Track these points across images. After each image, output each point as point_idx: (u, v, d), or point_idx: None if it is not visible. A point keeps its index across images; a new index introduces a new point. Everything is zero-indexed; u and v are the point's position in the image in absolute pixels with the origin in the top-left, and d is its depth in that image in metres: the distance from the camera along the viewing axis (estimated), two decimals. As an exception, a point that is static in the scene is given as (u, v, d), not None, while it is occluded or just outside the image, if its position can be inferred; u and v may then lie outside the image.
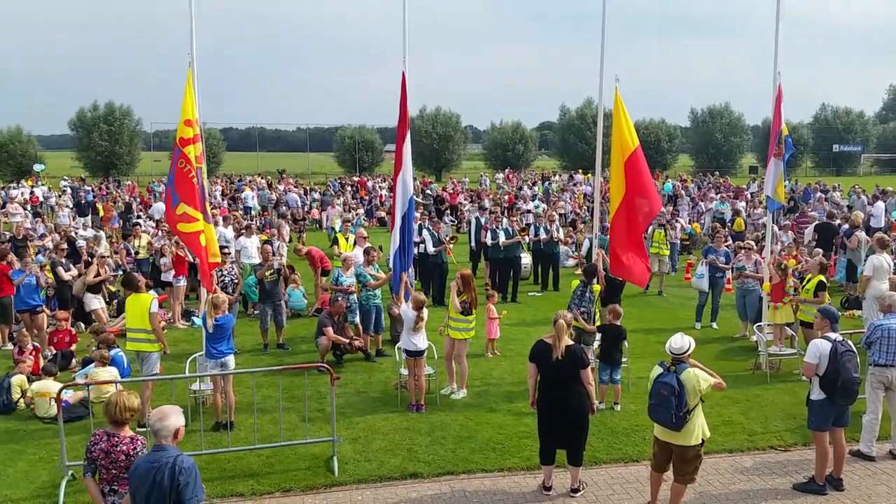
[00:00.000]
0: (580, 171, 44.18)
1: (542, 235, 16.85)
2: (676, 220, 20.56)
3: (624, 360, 9.68)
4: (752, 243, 13.27)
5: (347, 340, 11.29)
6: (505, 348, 12.00)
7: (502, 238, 15.96)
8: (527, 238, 17.72)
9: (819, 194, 27.43)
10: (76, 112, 58.02)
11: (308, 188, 36.25)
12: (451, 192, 33.12)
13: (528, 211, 24.11)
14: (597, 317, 10.08)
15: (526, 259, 17.64)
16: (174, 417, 4.63)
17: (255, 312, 13.64)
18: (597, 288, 10.08)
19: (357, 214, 27.43)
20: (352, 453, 8.03)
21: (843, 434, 7.43)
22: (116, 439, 4.89)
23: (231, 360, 8.87)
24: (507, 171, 50.72)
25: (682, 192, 29.64)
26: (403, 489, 7.32)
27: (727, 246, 13.70)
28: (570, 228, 21.74)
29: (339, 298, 11.71)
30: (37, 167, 49.79)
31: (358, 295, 11.84)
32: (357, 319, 11.80)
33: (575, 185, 36.92)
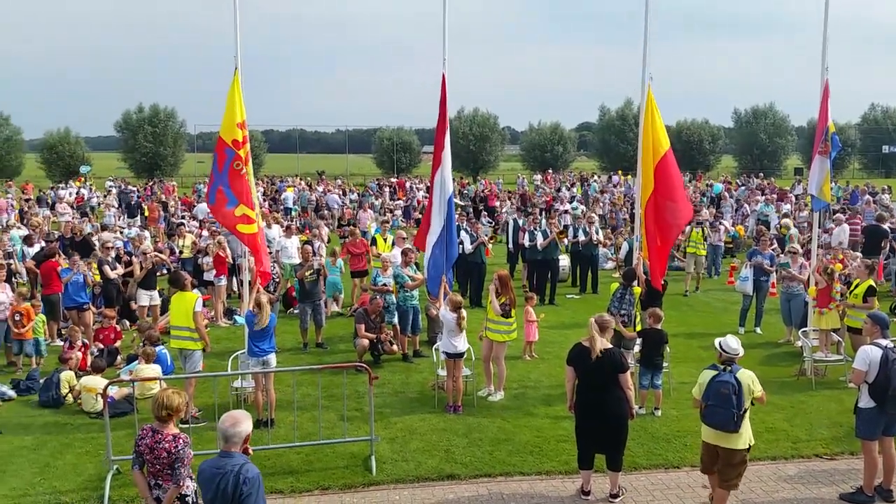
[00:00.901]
0: (620, 171, 43.70)
1: (581, 237, 16.71)
2: (720, 223, 20.18)
3: (665, 364, 9.53)
4: (798, 247, 12.97)
5: (375, 336, 11.33)
6: (543, 351, 11.92)
7: (540, 240, 15.86)
8: (565, 240, 17.57)
9: (867, 196, 26.68)
10: (122, 114, 59.49)
11: (347, 189, 36.57)
12: (488, 192, 33.05)
13: (566, 212, 23.95)
14: (637, 320, 9.94)
15: (564, 261, 17.50)
16: (245, 423, 4.60)
17: (295, 312, 13.81)
18: (637, 290, 9.95)
19: (394, 216, 27.55)
20: (389, 453, 8.07)
21: (894, 444, 7.21)
22: (160, 436, 4.98)
23: (273, 358, 9.00)
24: (545, 172, 50.43)
25: (726, 193, 29.07)
26: (440, 490, 7.32)
27: (773, 250, 13.41)
28: (609, 230, 21.54)
29: (377, 298, 11.79)
30: (83, 169, 51.17)
31: (396, 295, 11.90)
32: (395, 320, 11.86)
33: (614, 186, 36.55)
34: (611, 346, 7.09)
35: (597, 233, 17.25)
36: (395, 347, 11.68)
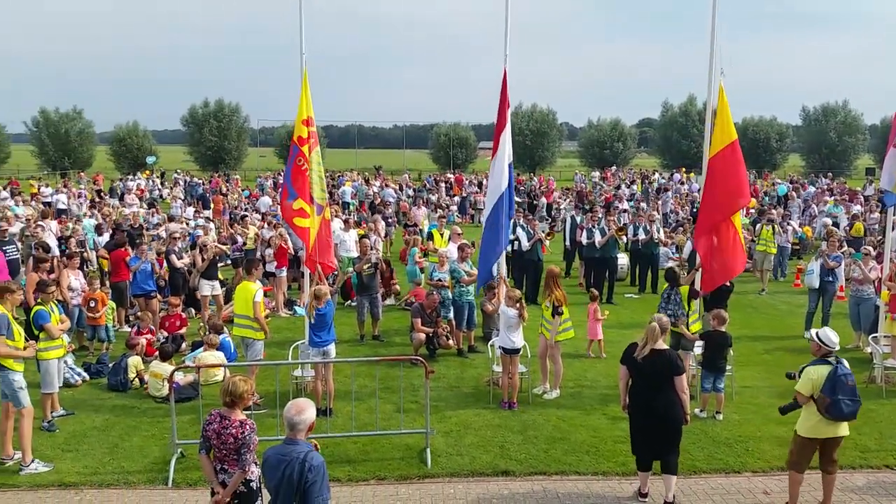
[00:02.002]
0: (682, 169, 42.79)
1: (642, 235, 16.42)
2: (788, 223, 19.55)
3: (728, 368, 9.29)
4: (871, 248, 12.47)
5: (432, 330, 11.38)
6: (600, 350, 11.76)
7: (598, 237, 15.66)
8: (624, 238, 17.29)
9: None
10: (188, 109, 61.28)
11: (403, 184, 36.83)
12: (546, 189, 32.80)
13: (625, 210, 23.59)
14: (690, 320, 9.71)
15: (623, 259, 17.22)
16: (309, 411, 4.67)
17: (353, 304, 13.99)
18: (684, 290, 9.74)
19: (450, 211, 27.62)
20: (444, 446, 8.11)
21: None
22: (227, 422, 5.10)
23: (332, 348, 9.15)
24: (605, 169, 49.75)
25: (793, 193, 28.13)
26: (495, 485, 7.32)
27: (842, 252, 12.93)
28: (668, 229, 21.12)
29: (433, 293, 11.85)
30: (149, 159, 52.94)
31: (452, 291, 11.92)
32: (451, 315, 11.89)
33: (680, 183, 35.78)
34: (667, 347, 6.92)
35: (658, 231, 16.92)
36: (450, 342, 11.72)
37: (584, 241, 15.94)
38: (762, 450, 8.08)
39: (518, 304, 9.24)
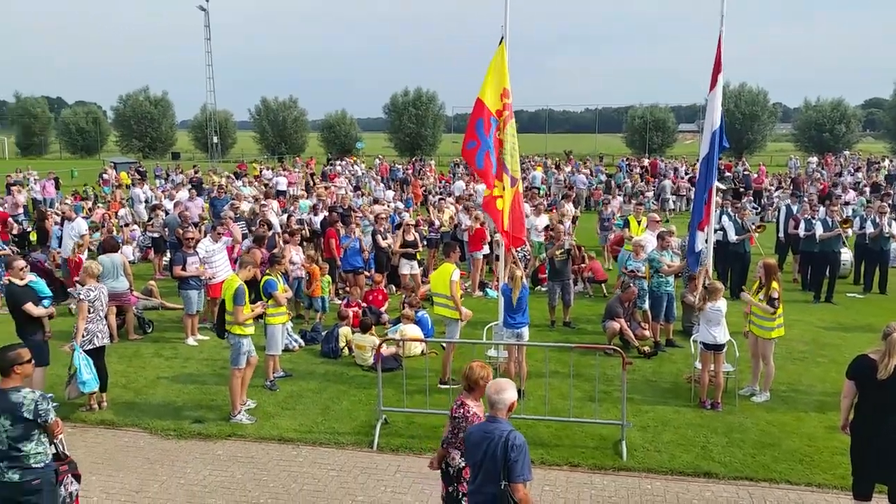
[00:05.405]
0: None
1: (870, 229, 14.67)
2: None
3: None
4: None
5: (637, 344, 11.00)
6: (818, 353, 10.75)
7: (819, 230, 14.22)
8: (849, 231, 15.54)
9: None
10: (390, 97, 64.66)
11: (594, 169, 35.99)
12: (756, 175, 30.46)
13: (847, 203, 21.24)
14: None
15: (846, 255, 15.49)
16: (510, 391, 4.76)
17: (544, 289, 13.97)
18: None
19: (646, 198, 26.57)
20: (640, 441, 7.86)
21: None
22: (460, 403, 5.26)
23: (525, 331, 9.21)
24: (825, 154, 45.17)
25: None
26: (696, 486, 6.97)
27: None
28: None
29: (631, 285, 11.47)
30: (358, 145, 56.77)
31: (649, 281, 11.47)
32: (646, 306, 11.46)
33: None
34: None
35: (889, 225, 15.01)
36: (646, 333, 11.31)
37: (802, 233, 14.58)
38: None
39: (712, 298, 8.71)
